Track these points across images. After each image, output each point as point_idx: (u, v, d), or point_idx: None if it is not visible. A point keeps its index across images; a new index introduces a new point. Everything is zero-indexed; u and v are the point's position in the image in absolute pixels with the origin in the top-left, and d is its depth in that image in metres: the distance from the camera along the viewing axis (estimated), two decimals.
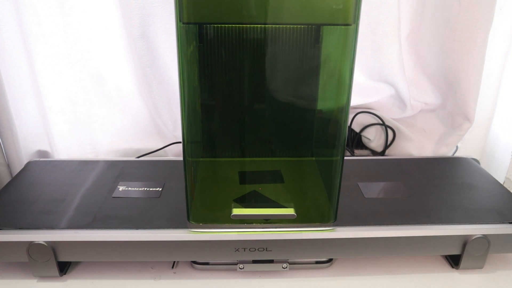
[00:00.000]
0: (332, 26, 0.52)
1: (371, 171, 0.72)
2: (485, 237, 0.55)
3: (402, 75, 0.81)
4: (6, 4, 0.70)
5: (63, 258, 0.55)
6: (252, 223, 0.55)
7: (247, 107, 0.63)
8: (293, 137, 0.67)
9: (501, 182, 0.71)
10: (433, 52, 0.80)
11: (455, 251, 0.57)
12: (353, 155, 0.89)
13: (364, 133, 0.87)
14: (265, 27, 0.57)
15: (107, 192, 0.64)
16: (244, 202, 0.58)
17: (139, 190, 0.64)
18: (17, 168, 0.76)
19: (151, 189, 0.65)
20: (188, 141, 0.52)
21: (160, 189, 0.65)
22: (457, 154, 0.85)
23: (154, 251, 0.54)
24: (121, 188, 0.65)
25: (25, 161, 0.76)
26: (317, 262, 0.59)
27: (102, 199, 0.62)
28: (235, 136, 0.66)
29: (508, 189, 0.66)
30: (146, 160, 0.75)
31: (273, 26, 0.57)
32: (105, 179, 0.68)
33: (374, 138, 0.86)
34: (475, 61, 0.75)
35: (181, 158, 0.55)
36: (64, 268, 0.58)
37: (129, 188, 0.65)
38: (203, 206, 0.58)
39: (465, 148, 0.89)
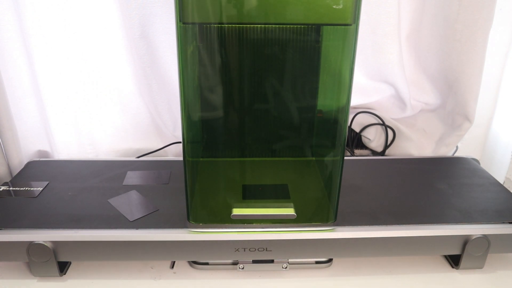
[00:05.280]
0: (332, 26, 0.52)
1: (371, 171, 0.72)
2: (485, 237, 0.55)
3: (402, 75, 0.81)
4: (6, 4, 0.70)
5: (63, 258, 0.55)
6: (252, 223, 0.55)
7: (247, 107, 0.63)
8: (293, 137, 0.67)
9: (501, 182, 0.71)
10: (433, 52, 0.79)
11: (455, 251, 0.57)
12: (353, 155, 0.89)
13: (364, 133, 0.87)
14: (265, 27, 0.57)
15: None
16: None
17: (19, 190, 0.64)
18: (17, 168, 0.76)
19: (31, 189, 0.64)
20: (188, 141, 0.52)
21: (41, 188, 0.64)
22: (457, 154, 0.85)
23: (154, 251, 0.54)
24: (1, 188, 0.64)
25: (25, 161, 0.76)
26: (317, 262, 0.59)
27: None
28: (235, 136, 0.66)
29: (508, 189, 0.66)
30: (146, 160, 0.75)
31: (273, 26, 0.57)
32: None
33: (374, 138, 0.86)
34: (475, 61, 0.75)
35: (181, 158, 0.55)
36: (64, 268, 0.58)
37: (10, 188, 0.64)
38: (203, 206, 0.58)
39: (465, 148, 0.89)
